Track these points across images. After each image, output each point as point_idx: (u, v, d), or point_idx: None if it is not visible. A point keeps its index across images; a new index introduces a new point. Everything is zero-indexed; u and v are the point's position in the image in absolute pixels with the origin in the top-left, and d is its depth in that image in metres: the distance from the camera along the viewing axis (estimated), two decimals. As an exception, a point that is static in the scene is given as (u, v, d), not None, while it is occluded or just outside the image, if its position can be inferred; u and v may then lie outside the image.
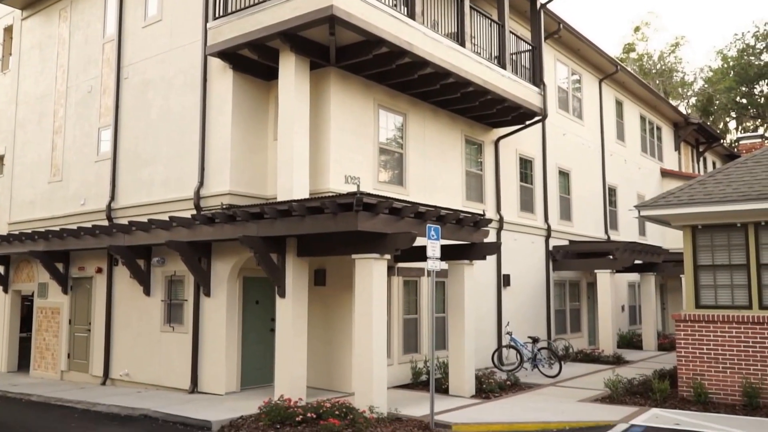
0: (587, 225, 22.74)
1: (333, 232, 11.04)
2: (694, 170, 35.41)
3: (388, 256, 10.99)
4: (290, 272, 11.70)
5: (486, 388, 12.91)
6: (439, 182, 15.72)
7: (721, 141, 38.55)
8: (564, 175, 21.66)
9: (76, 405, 12.21)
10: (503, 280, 17.75)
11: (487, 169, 17.65)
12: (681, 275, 27.09)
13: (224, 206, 12.28)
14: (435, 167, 15.64)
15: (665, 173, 30.73)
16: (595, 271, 20.13)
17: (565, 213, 21.51)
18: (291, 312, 11.60)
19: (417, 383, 13.83)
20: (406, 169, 14.79)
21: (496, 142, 17.95)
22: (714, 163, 39.50)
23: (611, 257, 19.68)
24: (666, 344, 22.57)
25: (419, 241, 11.48)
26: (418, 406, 11.43)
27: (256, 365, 13.35)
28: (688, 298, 12.38)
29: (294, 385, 11.44)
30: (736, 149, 44.96)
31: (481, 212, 13.30)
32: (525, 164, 19.54)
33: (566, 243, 21.00)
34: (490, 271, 17.38)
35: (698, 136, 35.52)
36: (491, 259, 17.36)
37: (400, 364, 14.08)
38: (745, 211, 11.55)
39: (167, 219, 12.63)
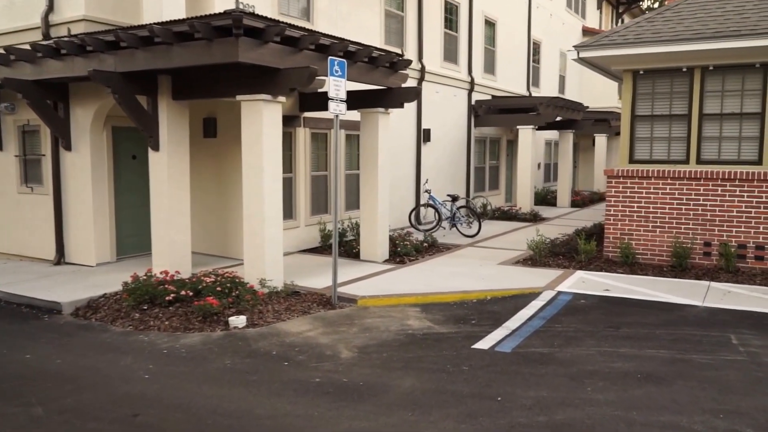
0: (510, 80, 20.46)
1: (212, 67, 8.24)
2: (613, 30, 33.32)
3: (282, 99, 8.33)
4: (164, 119, 8.90)
5: (401, 251, 10.97)
6: (354, 20, 12.76)
7: (640, 2, 36.39)
8: (490, 25, 18.93)
9: None
10: (423, 135, 15.46)
11: (410, 11, 14.70)
12: (595, 134, 25.75)
13: (73, 34, 9.03)
14: (349, 1, 12.59)
15: (587, 31, 28.61)
16: (518, 127, 18.15)
17: (489, 66, 19.04)
18: (167, 168, 8.94)
19: (326, 247, 11.76)
20: (313, 0, 11.73)
21: (419, -21, 14.88)
22: (631, 25, 37.45)
23: (535, 113, 17.65)
24: (578, 201, 21.46)
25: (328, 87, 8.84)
26: (323, 275, 9.38)
27: (136, 231, 10.81)
28: (622, 152, 10.49)
29: (174, 256, 9.06)
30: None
31: (400, 52, 10.64)
32: (450, 9, 16.63)
33: (489, 98, 18.74)
34: (410, 125, 15.01)
35: (619, -5, 33.25)
36: (411, 111, 14.93)
37: (308, 226, 11.89)
38: (698, 52, 9.41)
39: (2, 52, 9.33)
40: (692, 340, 6.49)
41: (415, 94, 10.24)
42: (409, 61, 10.16)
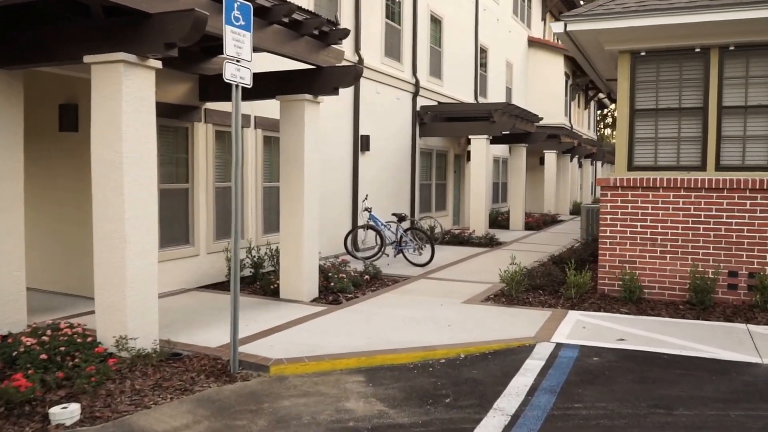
0: (458, 86, 18.44)
1: (49, 16, 5.53)
2: (558, 42, 32.51)
3: (155, 63, 5.68)
4: (-18, 97, 6.08)
5: (335, 287, 8.42)
6: (273, -8, 10.24)
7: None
8: (436, 22, 16.88)
9: None
10: (361, 143, 13.03)
11: (343, -9, 12.37)
12: (545, 151, 24.25)
13: None
14: (267, -32, 10.10)
15: (532, 42, 27.39)
16: (470, 136, 16.02)
17: (436, 69, 16.93)
18: (-14, 169, 6.09)
19: (235, 281, 9.01)
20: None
21: (356, -45, 12.59)
22: (574, 41, 36.86)
23: (489, 120, 15.58)
24: (532, 223, 19.58)
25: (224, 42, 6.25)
26: (223, 324, 6.68)
27: (-40, 261, 7.76)
28: (619, 157, 8.39)
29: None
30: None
31: (333, 19, 8.23)
32: (391, -3, 14.45)
33: (435, 104, 16.59)
34: (345, 129, 12.55)
35: (563, 8, 32.47)
36: (347, 111, 12.50)
37: (211, 254, 9.15)
38: (721, 23, 7.44)
39: None
40: (797, 430, 4.22)
41: (354, 75, 7.78)
42: (347, 31, 7.73)
